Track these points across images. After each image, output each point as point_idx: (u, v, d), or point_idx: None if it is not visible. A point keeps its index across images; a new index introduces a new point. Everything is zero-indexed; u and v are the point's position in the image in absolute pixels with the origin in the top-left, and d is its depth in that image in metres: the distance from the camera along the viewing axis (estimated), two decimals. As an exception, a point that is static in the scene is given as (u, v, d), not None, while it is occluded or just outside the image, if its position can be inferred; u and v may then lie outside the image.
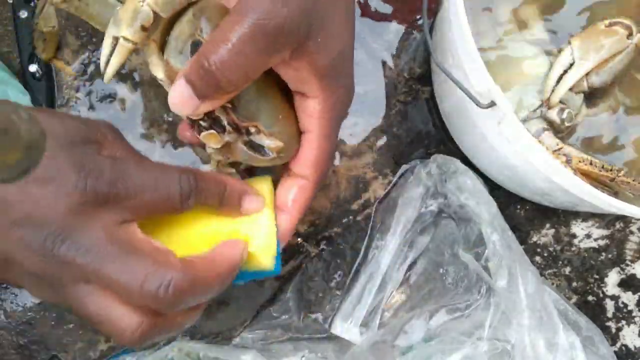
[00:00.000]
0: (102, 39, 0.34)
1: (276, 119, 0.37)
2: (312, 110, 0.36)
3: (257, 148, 0.37)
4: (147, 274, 0.30)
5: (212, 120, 0.35)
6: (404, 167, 0.53)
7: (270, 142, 0.36)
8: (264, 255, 0.37)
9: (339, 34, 0.35)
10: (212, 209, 0.37)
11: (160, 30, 0.35)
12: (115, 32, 0.33)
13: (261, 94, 0.36)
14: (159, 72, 0.35)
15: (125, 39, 0.33)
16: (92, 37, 0.52)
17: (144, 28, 0.33)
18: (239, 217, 0.38)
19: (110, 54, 0.34)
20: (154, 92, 0.52)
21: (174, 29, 0.34)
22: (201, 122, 0.35)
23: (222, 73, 0.31)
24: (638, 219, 0.56)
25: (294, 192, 0.39)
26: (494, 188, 0.53)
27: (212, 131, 0.35)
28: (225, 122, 0.35)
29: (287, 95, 0.38)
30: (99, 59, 0.52)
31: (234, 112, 0.35)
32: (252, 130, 0.36)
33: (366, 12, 0.54)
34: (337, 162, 0.53)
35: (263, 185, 0.39)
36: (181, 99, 0.32)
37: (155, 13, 0.32)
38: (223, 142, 0.36)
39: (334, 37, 0.35)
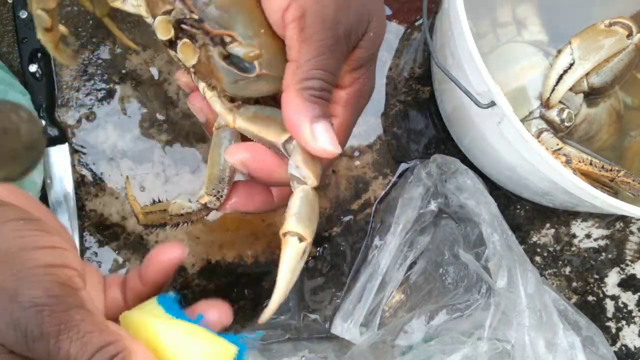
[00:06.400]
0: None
1: (256, 31, 0.34)
2: (337, 98, 0.36)
3: (237, 63, 0.34)
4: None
5: (188, 36, 0.34)
6: (404, 167, 0.53)
7: (247, 50, 0.32)
8: None
9: (382, 25, 0.36)
10: None
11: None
12: None
13: (237, 3, 0.34)
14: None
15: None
16: (92, 37, 0.52)
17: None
18: None
19: None
20: (154, 91, 0.52)
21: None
22: (179, 35, 0.34)
23: None
24: (638, 219, 0.55)
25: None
26: (494, 188, 0.53)
27: (185, 40, 0.34)
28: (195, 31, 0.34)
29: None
30: (99, 59, 0.52)
31: (206, 21, 0.33)
32: (227, 39, 0.33)
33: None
34: (337, 162, 0.53)
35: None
36: None
37: None
38: (198, 53, 0.34)
39: (379, 29, 0.36)
